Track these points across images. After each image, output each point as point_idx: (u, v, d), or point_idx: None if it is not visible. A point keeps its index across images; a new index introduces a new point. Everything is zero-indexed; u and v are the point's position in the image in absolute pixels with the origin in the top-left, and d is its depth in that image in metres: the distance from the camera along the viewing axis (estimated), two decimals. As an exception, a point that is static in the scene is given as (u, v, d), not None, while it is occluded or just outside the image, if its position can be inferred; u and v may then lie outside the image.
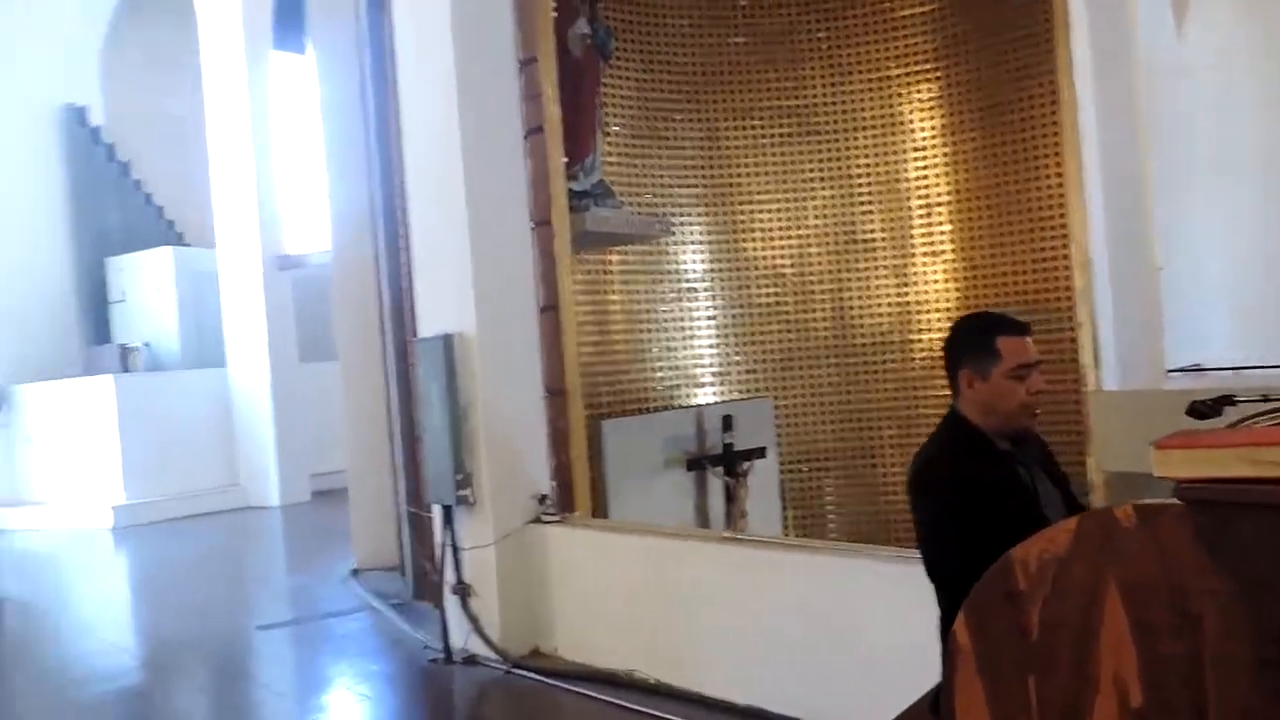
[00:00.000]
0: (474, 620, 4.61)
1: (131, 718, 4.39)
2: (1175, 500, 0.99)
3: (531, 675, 4.38)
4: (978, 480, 1.95)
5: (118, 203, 12.00)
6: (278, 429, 10.81)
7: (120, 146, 12.20)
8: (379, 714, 4.31)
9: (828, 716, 3.47)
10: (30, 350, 11.17)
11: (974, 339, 2.08)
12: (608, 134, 5.66)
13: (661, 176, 6.04)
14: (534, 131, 4.86)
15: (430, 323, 4.91)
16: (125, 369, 10.87)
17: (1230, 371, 6.95)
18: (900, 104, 6.12)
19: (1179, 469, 0.99)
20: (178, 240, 12.22)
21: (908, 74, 6.09)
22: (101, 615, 6.57)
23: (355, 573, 6.73)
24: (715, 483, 5.63)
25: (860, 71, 6.15)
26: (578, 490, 4.77)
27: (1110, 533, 1.02)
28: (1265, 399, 1.41)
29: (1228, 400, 1.51)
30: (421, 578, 5.67)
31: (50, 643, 5.86)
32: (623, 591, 4.33)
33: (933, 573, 2.00)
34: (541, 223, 4.85)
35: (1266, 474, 0.94)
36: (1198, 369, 7.62)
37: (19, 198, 11.29)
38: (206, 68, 11.15)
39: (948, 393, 2.19)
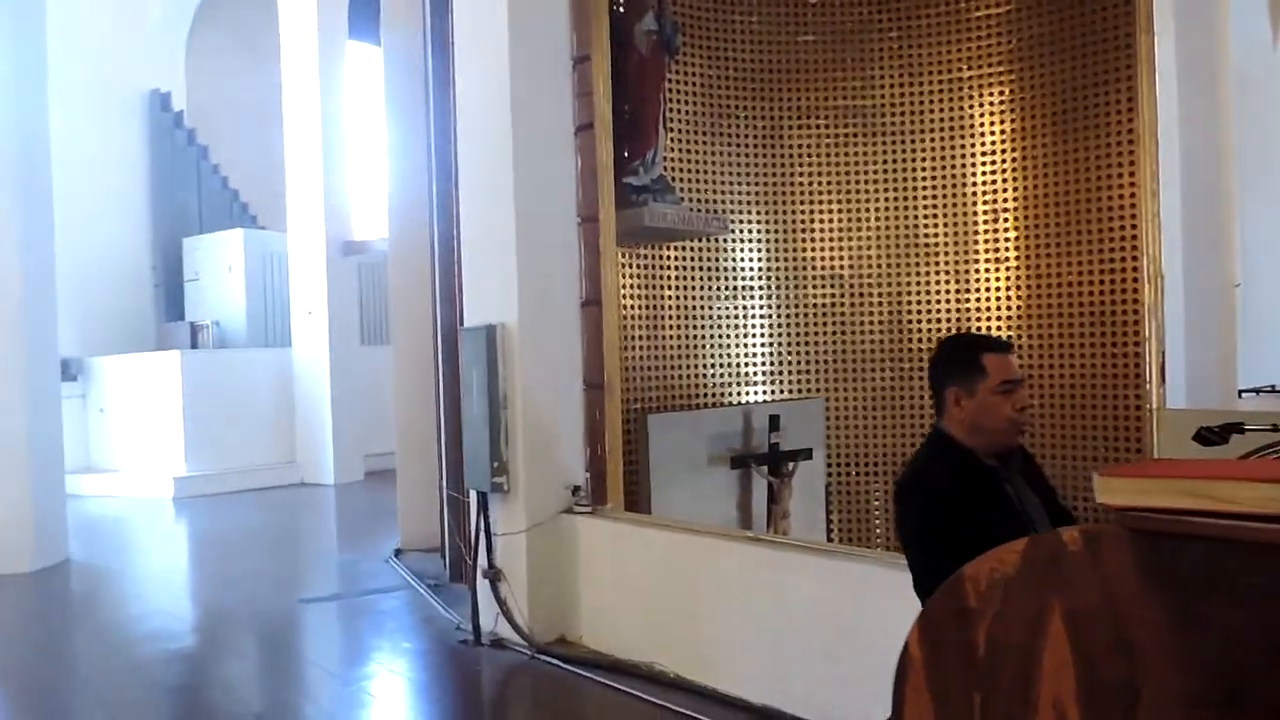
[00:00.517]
0: (503, 604, 4.68)
1: (179, 679, 4.56)
2: (1118, 528, 0.96)
3: (555, 662, 4.43)
4: (961, 495, 1.93)
5: (196, 185, 12.46)
6: (335, 409, 11.10)
7: (200, 131, 12.67)
8: (407, 691, 4.40)
9: (840, 717, 3.43)
10: (109, 324, 11.68)
11: (959, 356, 2.08)
12: (669, 130, 5.66)
13: (722, 173, 6.03)
14: (584, 128, 4.89)
15: (475, 312, 4.99)
16: (194, 345, 11.29)
17: (1307, 394, 6.66)
18: (971, 107, 5.98)
19: (1121, 497, 0.96)
20: (251, 223, 12.64)
21: (980, 76, 5.95)
22: (158, 581, 6.84)
23: (399, 552, 6.88)
24: (760, 482, 5.60)
25: (931, 73, 6.03)
26: (611, 483, 4.80)
27: (1057, 557, 0.99)
28: (1275, 428, 1.35)
29: (1235, 429, 1.45)
30: (458, 560, 5.78)
31: (109, 604, 6.13)
32: (648, 585, 4.35)
33: (917, 585, 1.97)
34: (588, 218, 4.88)
35: (1203, 506, 0.90)
36: (1272, 390, 7.30)
37: (104, 179, 11.79)
38: (285, 56, 11.50)
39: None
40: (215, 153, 12.75)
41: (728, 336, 6.06)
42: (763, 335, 6.15)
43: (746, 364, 6.11)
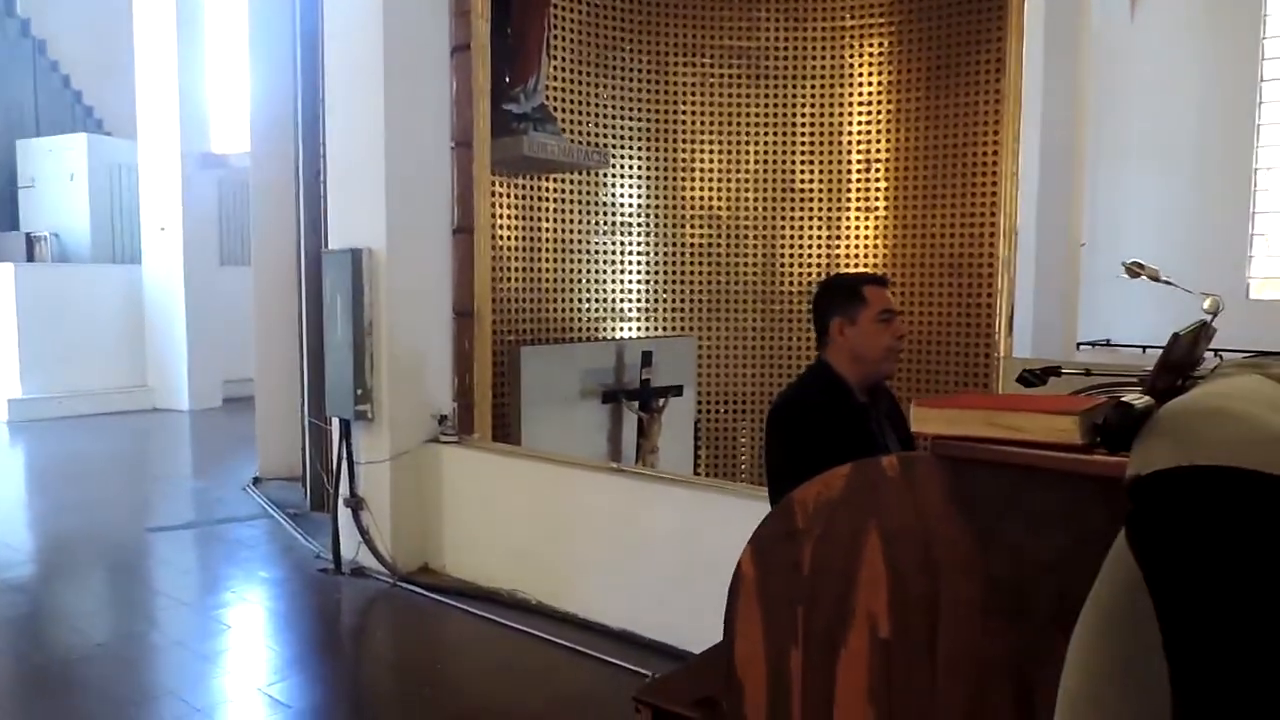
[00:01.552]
0: (364, 533, 4.63)
1: (11, 610, 4.32)
2: (930, 455, 1.03)
3: (417, 589, 4.44)
4: (828, 426, 2.02)
5: (31, 82, 11.37)
6: (191, 332, 10.54)
7: (36, 23, 11.53)
8: (262, 620, 4.32)
9: (695, 644, 3.57)
10: (-71, 230, 10.67)
11: (842, 289, 2.21)
12: (553, 58, 5.53)
13: (604, 106, 5.95)
14: (460, 49, 4.72)
15: (341, 235, 4.81)
16: (30, 259, 10.45)
17: (1140, 349, 7.20)
18: (850, 56, 6.09)
19: (933, 426, 1.03)
20: (96, 127, 11.68)
21: (861, 25, 6.05)
22: (-10, 507, 6.42)
23: (257, 480, 6.68)
24: (630, 417, 5.67)
25: (814, 19, 6.09)
26: (479, 413, 4.78)
27: (877, 481, 1.06)
28: (1088, 373, 1.46)
29: (1053, 372, 1.56)
30: (320, 489, 5.66)
31: (-68, 531, 5.71)
32: (513, 514, 4.39)
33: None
34: (462, 143, 4.75)
35: (1001, 435, 0.98)
36: (1108, 343, 7.88)
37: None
38: (135, -56, 10.56)
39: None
40: (54, 48, 11.63)
41: (604, 272, 6.06)
42: (638, 272, 6.18)
43: (621, 300, 6.14)
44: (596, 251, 6.02)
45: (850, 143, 6.13)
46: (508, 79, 5.07)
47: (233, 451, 7.99)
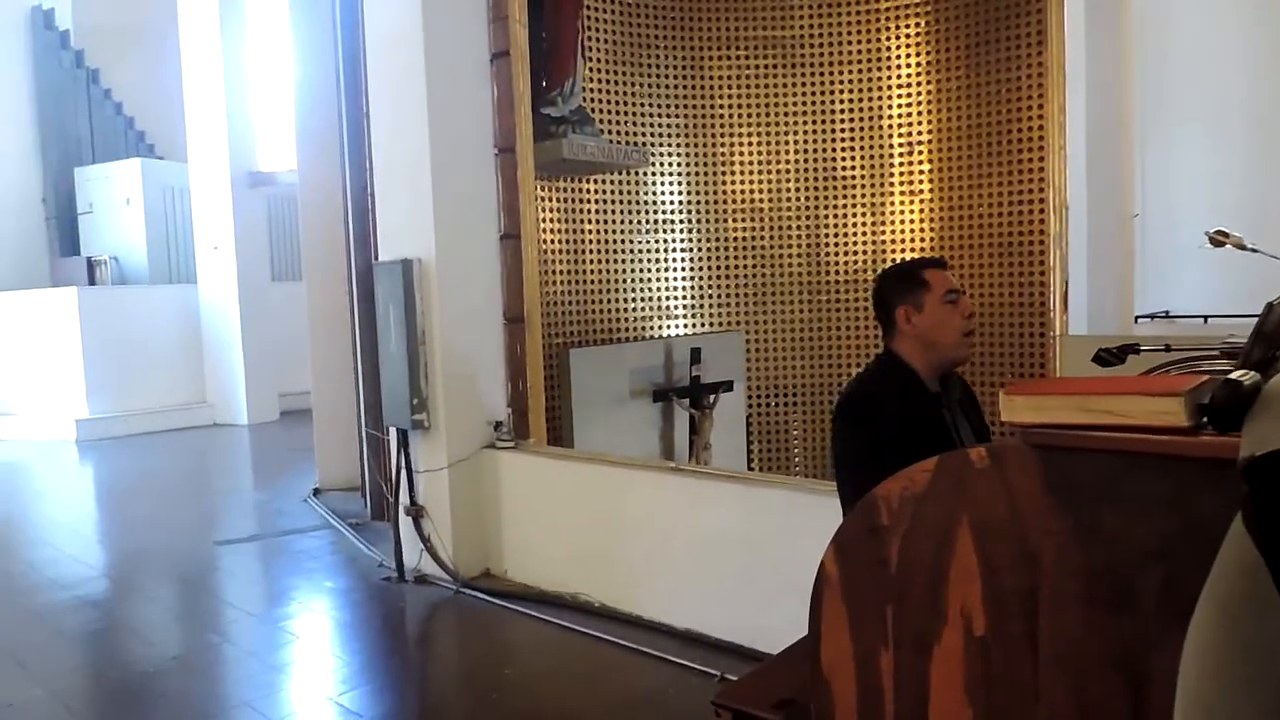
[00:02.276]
0: (426, 541, 4.68)
1: (88, 625, 4.44)
2: (1022, 444, 1.00)
3: (480, 595, 4.47)
4: (900, 416, 1.98)
5: (86, 111, 11.72)
6: (246, 348, 10.78)
7: (90, 53, 11.87)
8: (329, 629, 4.39)
9: (761, 642, 3.56)
10: (-1, 260, 11.03)
11: (902, 276, 2.15)
12: (588, 60, 5.54)
13: (641, 104, 5.94)
14: (500, 55, 4.74)
15: (391, 247, 4.86)
16: (92, 282, 10.76)
17: (1200, 319, 7.01)
18: (887, 39, 6.01)
19: (1024, 414, 1.00)
20: (148, 152, 11.99)
21: (896, 7, 5.97)
22: (63, 526, 6.61)
23: (317, 492, 6.80)
24: (681, 414, 5.66)
25: (847, 4, 6.02)
26: (533, 418, 4.80)
27: (964, 474, 1.03)
28: (1168, 349, 1.41)
29: (1132, 349, 1.51)
30: (379, 498, 5.73)
31: (10, 550, 5.90)
32: (572, 517, 4.39)
33: (845, 504, 2.02)
34: (505, 150, 4.77)
35: (1096, 420, 0.95)
36: (1166, 316, 7.68)
37: (-15, 103, 11.01)
38: (179, -28, 10.81)
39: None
40: (107, 76, 11.97)
41: (649, 270, 6.05)
42: (683, 268, 6.16)
43: (667, 297, 6.13)
44: (640, 250, 6.01)
45: (891, 126, 6.05)
46: (544, 83, 5.08)
47: (292, 464, 8.14)
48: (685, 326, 6.14)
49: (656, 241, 6.07)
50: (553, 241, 5.52)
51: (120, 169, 11.19)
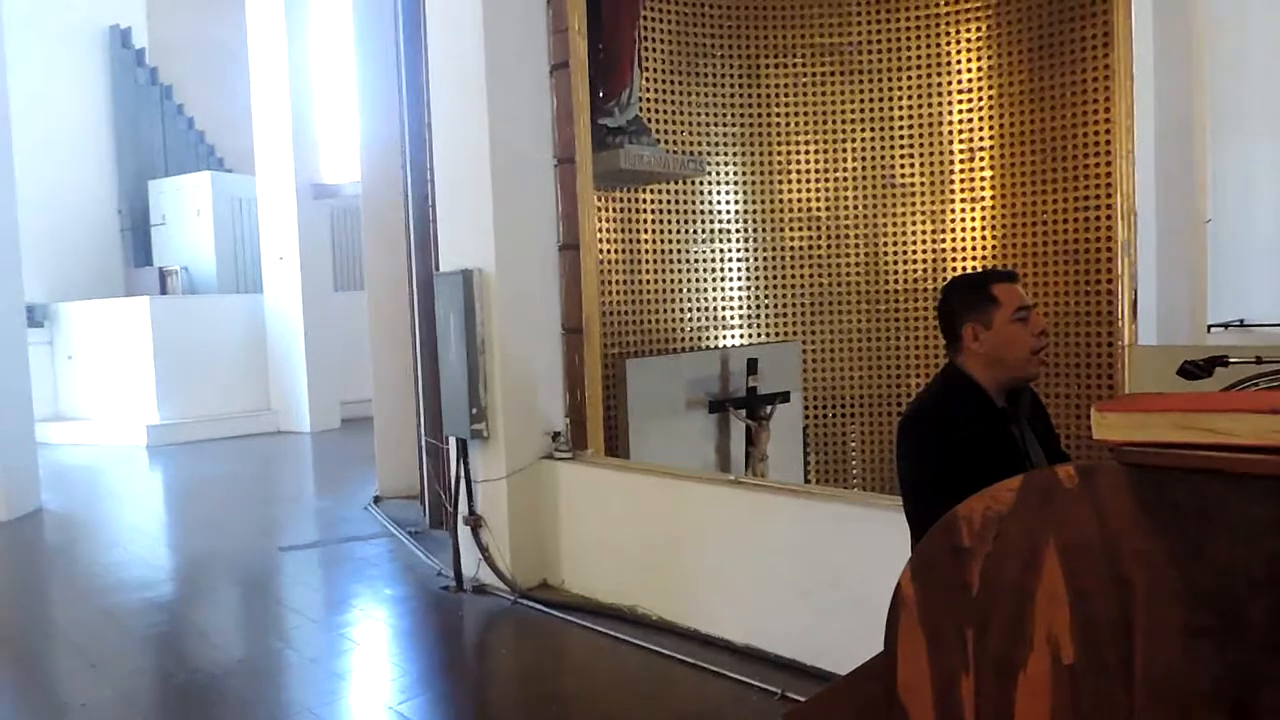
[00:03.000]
0: (484, 550, 4.70)
1: (157, 627, 4.56)
2: (1115, 463, 0.96)
3: (538, 606, 4.48)
4: (968, 433, 1.93)
5: (160, 126, 12.13)
6: (309, 356, 11.01)
7: (163, 70, 12.28)
8: (390, 637, 4.43)
9: (823, 660, 3.50)
10: (75, 269, 11.45)
11: (970, 291, 2.07)
12: (645, 70, 5.55)
13: (698, 114, 5.94)
14: (559, 66, 4.77)
15: (451, 257, 4.92)
16: (163, 291, 11.10)
17: (1275, 328, 6.74)
18: (947, 43, 5.92)
19: (1117, 432, 0.96)
20: (218, 165, 12.35)
21: (956, 12, 5.88)
22: (133, 529, 6.80)
23: (377, 500, 6.89)
24: (738, 425, 5.62)
25: (907, 9, 5.95)
26: (591, 428, 4.80)
27: (1052, 493, 0.99)
28: (1259, 360, 1.35)
29: (1220, 361, 1.45)
30: (438, 507, 5.79)
31: (84, 553, 6.09)
32: (630, 529, 4.38)
33: (912, 523, 1.97)
34: (565, 160, 4.80)
35: (1196, 439, 0.90)
36: (1241, 324, 7.40)
37: (65, 117, 11.45)
38: (248, -8, 11.14)
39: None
40: (179, 92, 12.39)
41: (705, 280, 6.03)
42: (740, 278, 6.13)
43: (724, 307, 6.10)
44: (696, 260, 5.99)
45: (951, 132, 5.95)
46: (601, 93, 5.10)
47: (352, 471, 8.27)
48: (741, 337, 6.10)
49: (712, 251, 6.05)
50: (609, 251, 5.54)
51: (191, 181, 11.55)
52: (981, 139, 5.86)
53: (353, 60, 7.59)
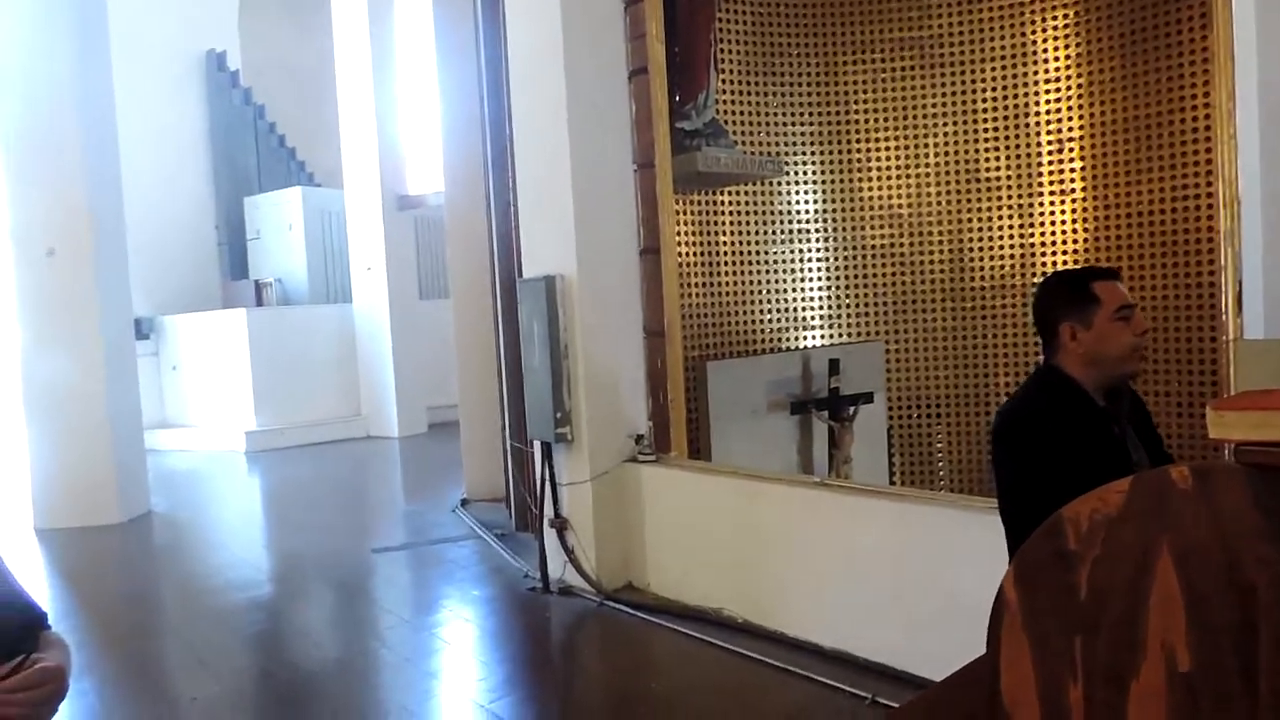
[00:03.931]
0: (570, 553, 4.76)
1: (261, 626, 4.75)
2: (1233, 463, 0.92)
3: (623, 608, 4.51)
4: (1069, 433, 1.87)
5: (254, 144, 12.63)
6: (397, 363, 11.32)
7: (256, 91, 12.79)
8: (479, 637, 4.52)
9: (914, 665, 3.44)
10: (177, 283, 12.01)
11: (1069, 289, 2.01)
12: (721, 72, 5.55)
13: (775, 114, 5.90)
14: (638, 72, 4.81)
15: (534, 263, 4.99)
16: (259, 303, 11.54)
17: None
18: (1033, 32, 5.75)
19: (1236, 431, 0.92)
20: (308, 180, 12.80)
21: (1042, 0, 5.71)
22: (235, 531, 7.10)
23: (465, 502, 7.03)
24: (820, 427, 5.56)
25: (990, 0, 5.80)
26: (674, 431, 4.81)
27: (1164, 494, 0.95)
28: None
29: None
30: (524, 510, 5.87)
31: (191, 554, 6.38)
32: (715, 532, 4.37)
33: (1011, 527, 1.93)
34: (644, 165, 4.83)
35: (1324, 438, 0.86)
36: (1358, 319, 7.01)
37: (166, 139, 12.02)
38: (335, 12, 11.51)
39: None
40: (271, 111, 12.88)
41: (785, 281, 5.99)
42: (820, 278, 6.07)
43: (804, 308, 6.04)
44: (776, 261, 5.96)
45: (1039, 123, 5.77)
46: (677, 97, 5.12)
47: (440, 475, 8.46)
48: (823, 337, 6.03)
49: (792, 251, 6.00)
50: (688, 254, 5.54)
51: (284, 197, 11.99)
52: (1070, 129, 5.68)
53: (435, 73, 7.78)
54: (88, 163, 7.09)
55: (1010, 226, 5.89)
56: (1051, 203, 5.77)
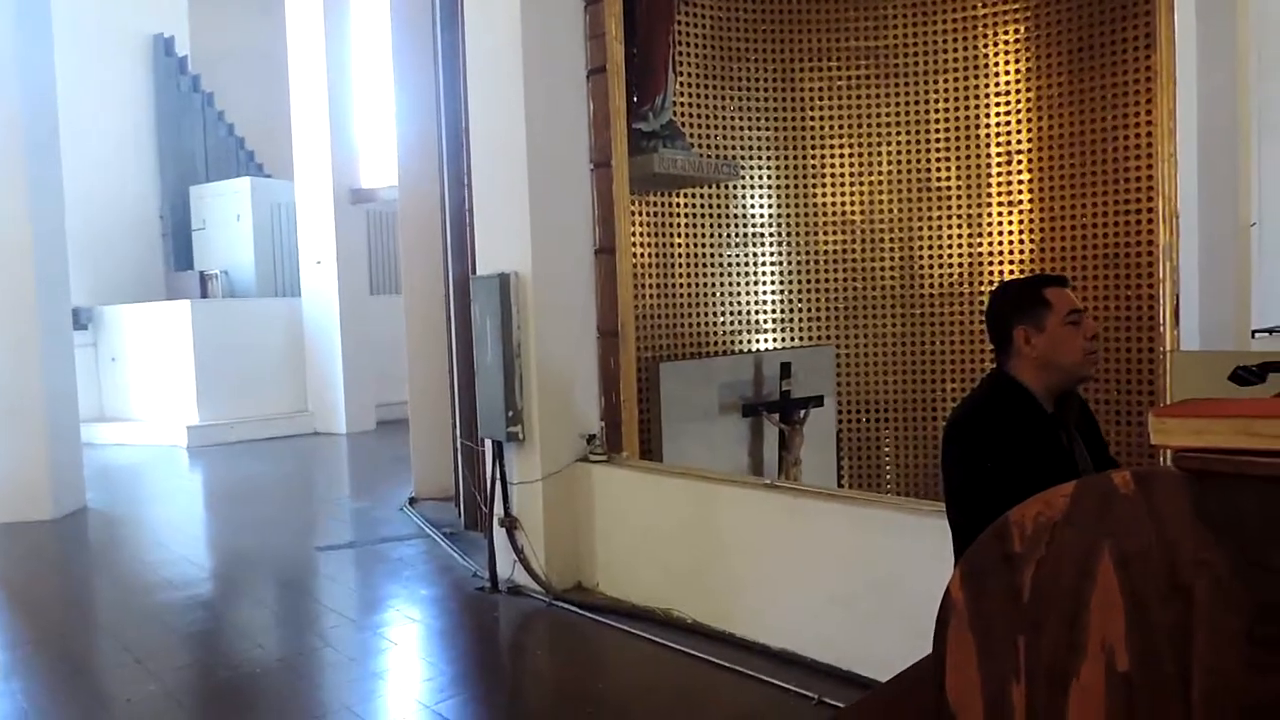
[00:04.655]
0: (519, 552, 4.73)
1: (200, 625, 4.64)
2: (1174, 470, 0.95)
3: (572, 608, 4.50)
4: (1017, 439, 1.91)
5: (201, 132, 12.37)
6: (346, 359, 11.15)
7: (205, 78, 12.51)
8: (425, 637, 4.47)
9: (861, 666, 3.48)
10: (118, 273, 11.69)
11: (1021, 295, 2.06)
12: (679, 74, 5.56)
13: (732, 118, 5.94)
14: (596, 71, 4.80)
15: (488, 261, 4.96)
16: (204, 295, 11.29)
17: (1323, 336, 6.61)
18: (985, 46, 5.87)
19: (1177, 438, 0.95)
20: (257, 171, 12.55)
21: (994, 13, 5.83)
22: (175, 528, 6.93)
23: (413, 501, 6.96)
24: (771, 429, 5.61)
25: (945, 11, 5.91)
26: (626, 431, 4.81)
27: (1107, 499, 0.98)
28: (1315, 367, 1.33)
29: (1273, 367, 1.43)
30: (473, 509, 5.83)
31: (128, 551, 6.22)
32: (665, 532, 4.38)
33: (957, 530, 1.96)
34: (601, 164, 4.82)
35: (1262, 445, 0.89)
36: (1287, 331, 7.26)
37: (110, 125, 11.70)
38: (290, 3, 11.30)
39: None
40: (220, 99, 12.62)
41: (738, 284, 6.03)
42: (773, 282, 6.12)
43: (757, 311, 6.09)
44: (730, 264, 5.99)
45: (989, 135, 5.89)
46: (635, 98, 5.12)
47: (388, 473, 8.36)
48: (775, 341, 6.09)
49: (746, 255, 6.05)
50: (643, 255, 5.55)
51: (231, 187, 11.75)
52: (1019, 142, 5.81)
53: (390, 66, 7.68)
54: (26, 146, 6.87)
55: (959, 236, 6.00)
56: (1000, 213, 5.90)
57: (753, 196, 6.03)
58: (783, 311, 6.13)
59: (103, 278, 11.48)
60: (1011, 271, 5.82)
